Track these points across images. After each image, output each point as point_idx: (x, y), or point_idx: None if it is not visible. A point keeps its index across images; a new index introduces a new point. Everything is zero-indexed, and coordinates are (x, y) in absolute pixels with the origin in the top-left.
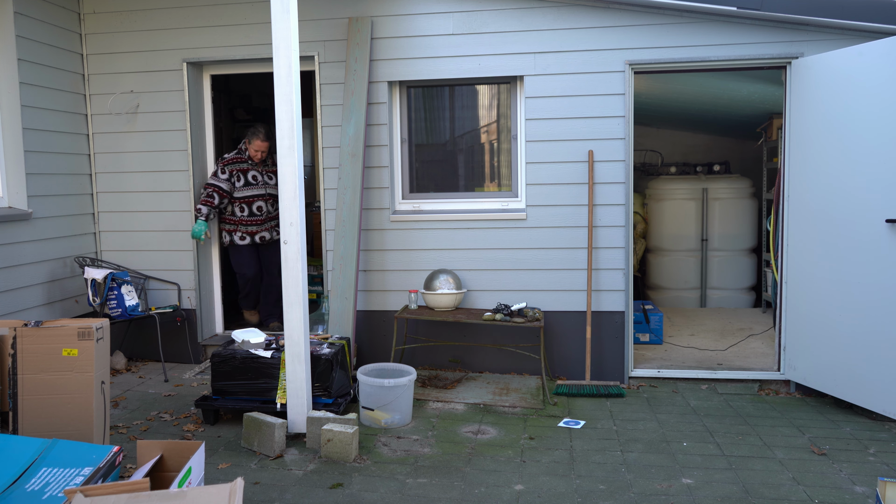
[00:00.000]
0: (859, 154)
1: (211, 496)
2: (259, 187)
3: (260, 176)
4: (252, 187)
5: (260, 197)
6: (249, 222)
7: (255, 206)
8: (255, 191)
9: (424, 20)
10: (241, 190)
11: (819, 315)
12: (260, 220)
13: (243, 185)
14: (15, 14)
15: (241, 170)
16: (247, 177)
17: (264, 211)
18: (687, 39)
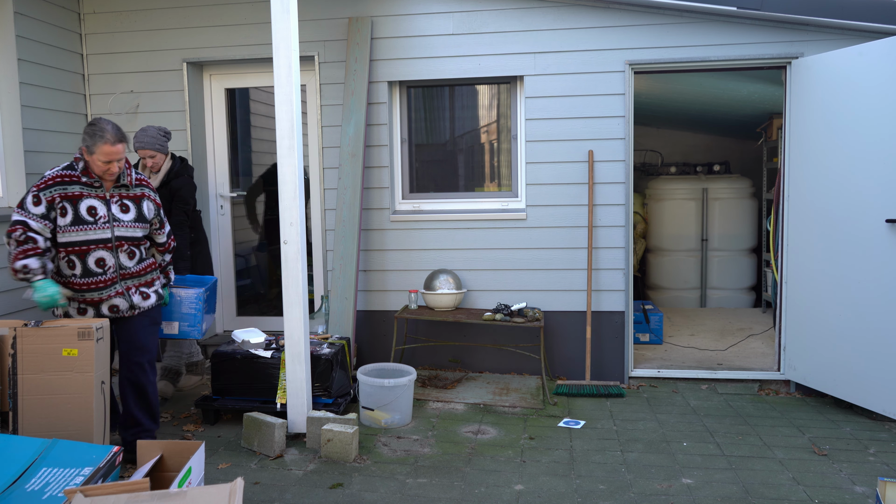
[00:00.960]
0: (859, 154)
1: (211, 496)
2: (98, 227)
3: (103, 207)
4: (86, 227)
5: (101, 244)
6: (84, 286)
7: (91, 258)
8: (93, 233)
9: (424, 20)
10: (68, 231)
11: (819, 315)
12: (103, 281)
13: (70, 222)
14: (15, 14)
15: (69, 196)
16: (77, 208)
17: (108, 266)
18: (687, 39)
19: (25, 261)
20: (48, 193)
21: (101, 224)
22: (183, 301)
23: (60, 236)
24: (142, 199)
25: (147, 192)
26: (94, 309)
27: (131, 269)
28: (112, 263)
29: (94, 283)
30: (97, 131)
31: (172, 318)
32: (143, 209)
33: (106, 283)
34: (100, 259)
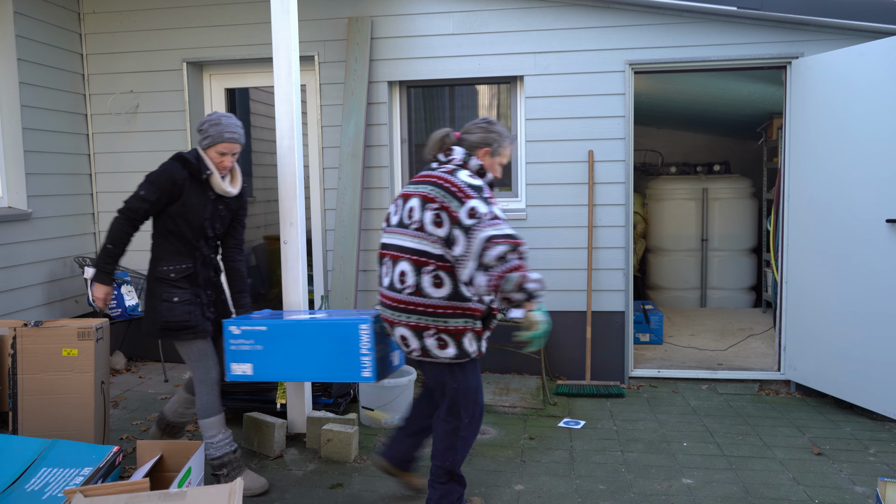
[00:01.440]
0: (859, 154)
1: (211, 496)
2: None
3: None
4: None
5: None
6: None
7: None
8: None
9: (424, 20)
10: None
11: (819, 315)
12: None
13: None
14: (15, 14)
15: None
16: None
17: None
18: (687, 39)
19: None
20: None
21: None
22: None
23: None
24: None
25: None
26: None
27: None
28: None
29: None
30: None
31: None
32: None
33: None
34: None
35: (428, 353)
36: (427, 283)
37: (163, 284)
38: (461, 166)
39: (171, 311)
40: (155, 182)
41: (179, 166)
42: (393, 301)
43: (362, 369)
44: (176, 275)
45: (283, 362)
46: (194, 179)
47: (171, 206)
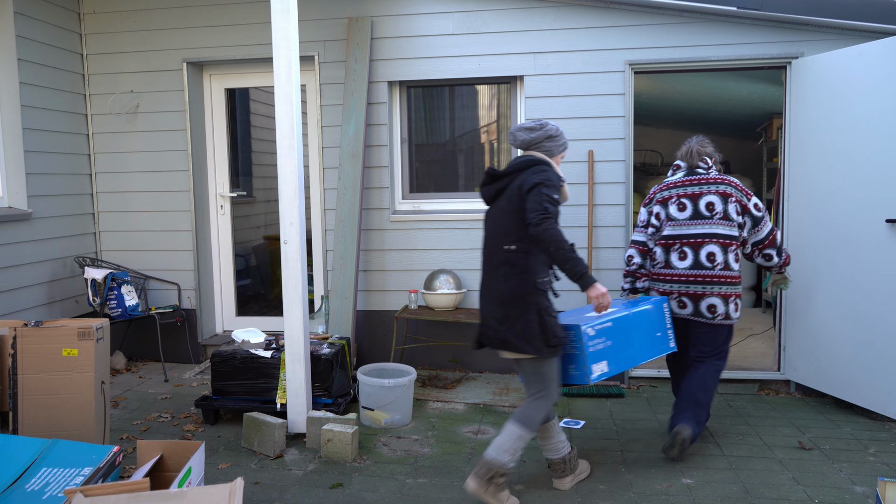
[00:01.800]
0: (859, 154)
1: (211, 496)
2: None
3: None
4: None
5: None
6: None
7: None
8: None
9: (424, 20)
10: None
11: (819, 315)
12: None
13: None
14: (15, 14)
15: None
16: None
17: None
18: (687, 39)
19: None
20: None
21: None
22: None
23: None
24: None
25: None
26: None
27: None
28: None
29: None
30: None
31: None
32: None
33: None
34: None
35: (729, 316)
36: (731, 259)
37: (543, 298)
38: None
39: (556, 326)
40: (554, 186)
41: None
42: (703, 277)
43: (669, 341)
44: (548, 288)
45: (624, 352)
46: None
47: None
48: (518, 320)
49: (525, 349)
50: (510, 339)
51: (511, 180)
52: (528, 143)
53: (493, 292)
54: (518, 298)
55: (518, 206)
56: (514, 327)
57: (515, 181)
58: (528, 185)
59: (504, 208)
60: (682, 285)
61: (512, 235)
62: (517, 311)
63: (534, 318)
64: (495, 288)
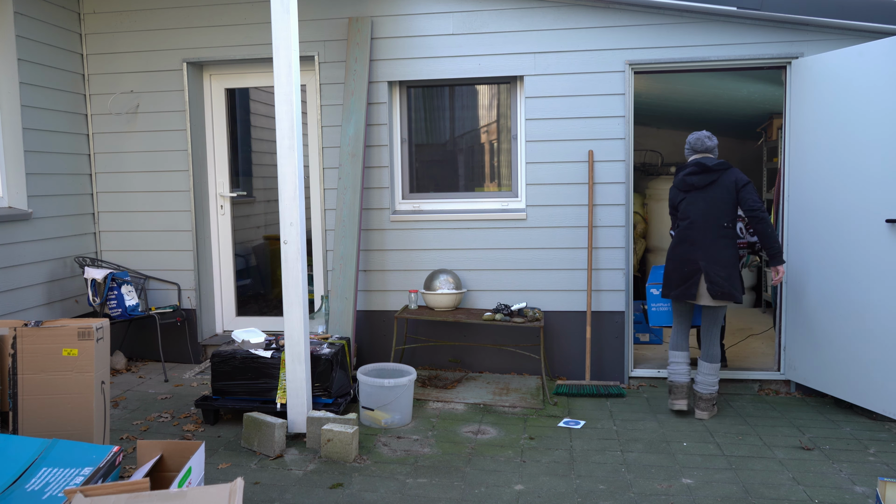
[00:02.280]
0: (859, 154)
1: (211, 496)
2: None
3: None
4: None
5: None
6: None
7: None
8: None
9: (424, 20)
10: None
11: (819, 315)
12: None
13: None
14: (15, 14)
15: None
16: None
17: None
18: (687, 39)
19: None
20: None
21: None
22: None
23: None
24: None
25: None
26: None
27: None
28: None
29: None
30: None
31: None
32: None
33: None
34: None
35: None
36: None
37: (738, 259)
38: None
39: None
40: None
41: None
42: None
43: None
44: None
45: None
46: None
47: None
48: (736, 278)
49: (739, 299)
50: (732, 291)
51: (720, 175)
52: (711, 148)
53: (718, 258)
54: (735, 262)
55: (734, 196)
56: (735, 283)
57: (726, 177)
58: (742, 182)
59: (719, 196)
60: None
61: (729, 216)
62: (736, 271)
63: (736, 273)
64: (720, 254)
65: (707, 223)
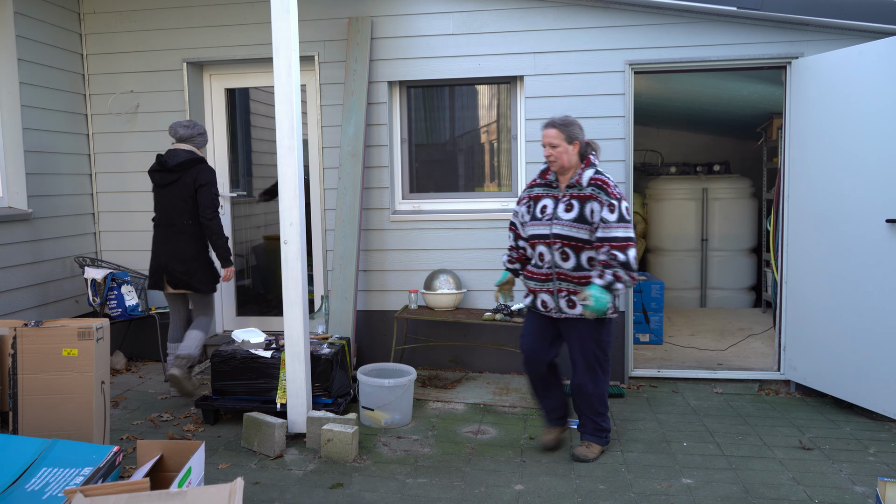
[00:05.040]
0: (859, 154)
1: (211, 496)
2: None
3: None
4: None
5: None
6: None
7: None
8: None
9: (424, 20)
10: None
11: (819, 315)
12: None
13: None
14: (15, 14)
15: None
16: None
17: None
18: (687, 39)
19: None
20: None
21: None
22: None
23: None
24: (586, 200)
25: (595, 193)
26: (532, 297)
27: (565, 270)
28: (548, 259)
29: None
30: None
31: None
32: (584, 210)
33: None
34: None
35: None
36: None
37: (205, 251)
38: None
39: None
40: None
41: None
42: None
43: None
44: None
45: None
46: None
47: None
48: (199, 270)
49: (204, 289)
50: (192, 282)
51: (181, 176)
52: (186, 137)
53: (178, 253)
54: (201, 255)
55: (195, 193)
56: (197, 275)
57: (186, 177)
58: (200, 183)
59: (179, 194)
60: (541, 284)
61: (190, 213)
62: (199, 263)
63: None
64: (181, 250)
65: (169, 220)
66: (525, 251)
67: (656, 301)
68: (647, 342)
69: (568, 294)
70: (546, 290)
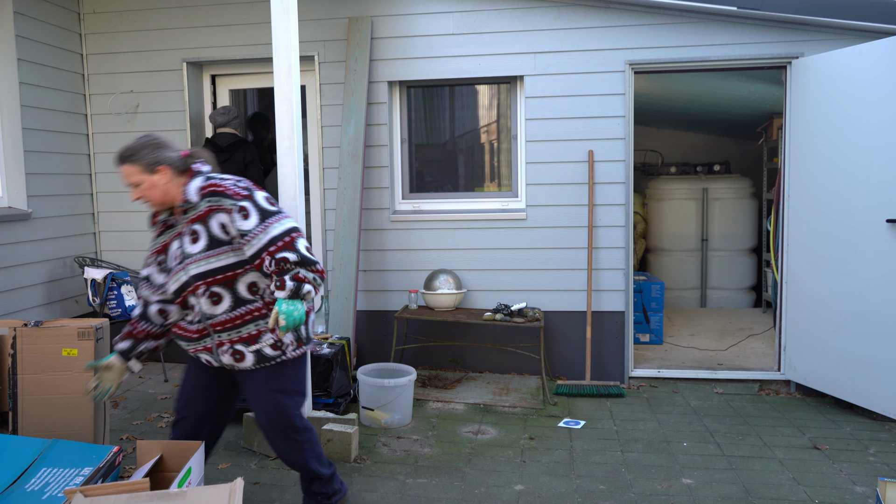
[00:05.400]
0: (859, 154)
1: (211, 496)
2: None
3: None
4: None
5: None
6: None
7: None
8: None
9: (424, 20)
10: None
11: (819, 315)
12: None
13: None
14: (15, 14)
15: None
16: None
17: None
18: (687, 39)
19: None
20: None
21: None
22: None
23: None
24: (208, 217)
25: (215, 204)
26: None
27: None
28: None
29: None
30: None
31: None
32: (211, 230)
33: (195, 333)
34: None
35: (263, 356)
36: (242, 292)
37: None
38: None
39: None
40: None
41: None
42: (212, 327)
43: None
44: None
45: None
46: None
47: None
48: None
49: None
50: None
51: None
52: (224, 123)
53: None
54: None
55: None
56: None
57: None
58: None
59: (231, 170)
60: (195, 343)
61: None
62: None
63: None
64: None
65: None
66: (163, 315)
67: (656, 301)
68: (647, 342)
69: (231, 345)
70: (204, 349)
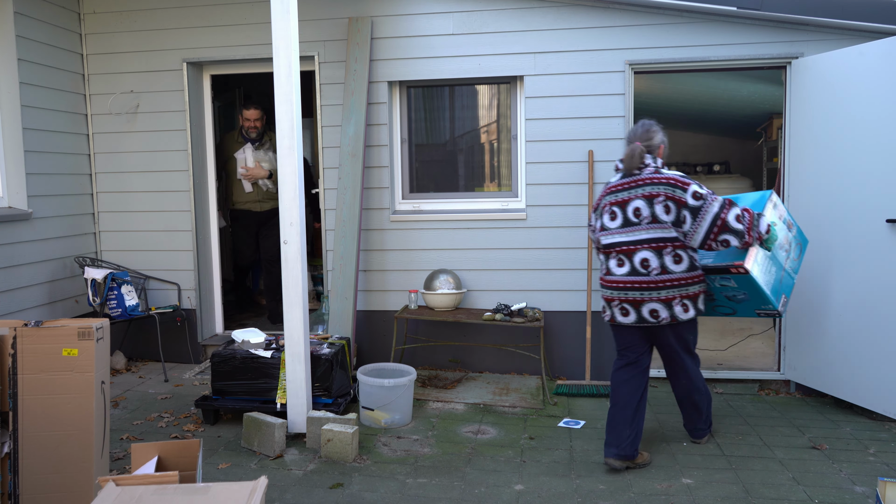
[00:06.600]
0: (859, 154)
1: (233, 492)
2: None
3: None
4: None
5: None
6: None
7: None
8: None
9: (424, 20)
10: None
11: (819, 315)
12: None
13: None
14: (15, 14)
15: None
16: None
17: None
18: (687, 39)
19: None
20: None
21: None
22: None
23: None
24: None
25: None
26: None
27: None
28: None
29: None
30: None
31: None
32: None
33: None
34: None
35: (675, 318)
36: (669, 261)
37: None
38: (660, 168)
39: None
40: None
41: None
42: (640, 283)
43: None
44: None
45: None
46: None
47: None
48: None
49: None
50: None
51: None
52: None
53: None
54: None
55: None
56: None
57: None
58: None
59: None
60: (621, 292)
61: None
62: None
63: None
64: None
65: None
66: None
67: None
68: None
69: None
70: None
